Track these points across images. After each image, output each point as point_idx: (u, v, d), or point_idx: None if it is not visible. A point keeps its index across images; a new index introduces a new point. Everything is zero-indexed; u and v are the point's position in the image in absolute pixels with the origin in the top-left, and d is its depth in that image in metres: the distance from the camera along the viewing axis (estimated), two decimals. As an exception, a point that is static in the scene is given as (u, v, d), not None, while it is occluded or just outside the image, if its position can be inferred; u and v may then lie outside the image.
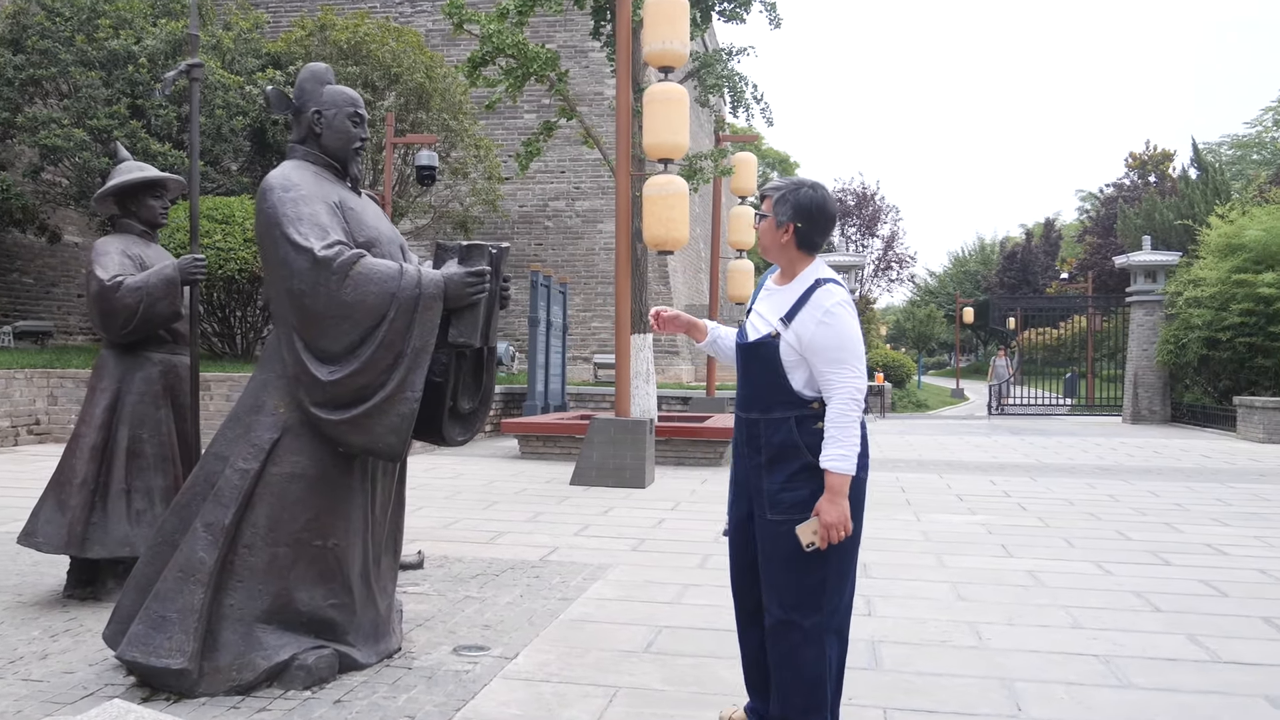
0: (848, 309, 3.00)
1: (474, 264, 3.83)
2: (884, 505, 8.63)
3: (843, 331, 2.95)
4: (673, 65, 9.90)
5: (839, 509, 2.90)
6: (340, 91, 4.04)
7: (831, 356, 2.94)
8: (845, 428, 2.91)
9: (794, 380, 3.01)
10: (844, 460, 2.90)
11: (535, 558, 6.20)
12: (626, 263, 9.94)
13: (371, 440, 3.68)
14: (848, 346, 2.94)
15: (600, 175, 22.90)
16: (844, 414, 2.92)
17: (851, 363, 2.95)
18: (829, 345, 2.94)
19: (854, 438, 2.92)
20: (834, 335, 2.94)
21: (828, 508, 2.90)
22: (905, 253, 40.04)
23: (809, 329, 2.96)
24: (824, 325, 2.95)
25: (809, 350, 2.96)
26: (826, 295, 2.99)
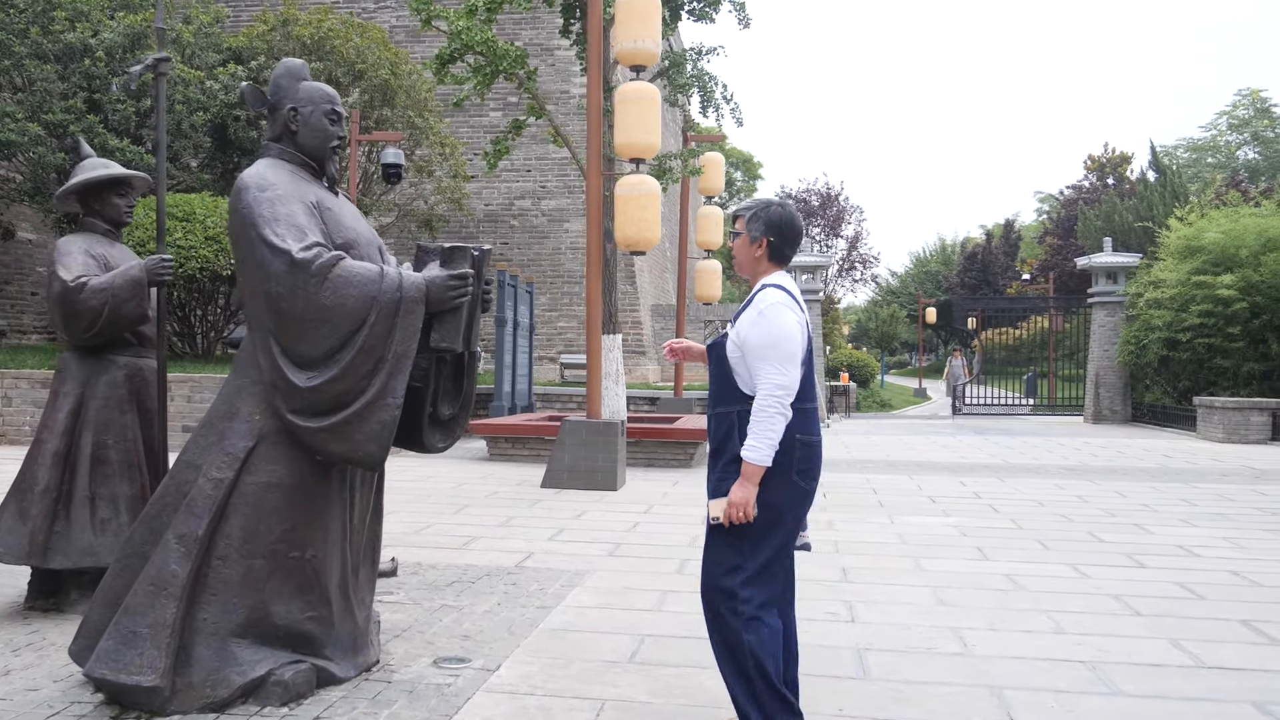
0: (784, 310, 3.17)
1: (456, 267, 3.73)
2: (857, 507, 8.62)
3: (772, 330, 3.13)
4: (644, 64, 9.83)
5: (745, 492, 3.10)
6: (317, 88, 3.92)
7: (759, 353, 3.13)
8: (763, 421, 3.08)
9: (739, 379, 3.21)
10: (756, 451, 3.08)
11: (511, 564, 6.10)
12: (598, 263, 9.85)
13: (351, 448, 3.57)
14: (776, 345, 3.12)
15: (566, 174, 22.78)
16: (764, 408, 3.09)
17: (777, 360, 3.11)
18: (759, 342, 3.13)
19: (771, 431, 3.08)
20: (763, 333, 3.13)
21: (736, 489, 3.11)
22: (869, 253, 40.29)
23: (744, 328, 3.18)
24: (755, 325, 3.16)
25: (744, 347, 3.16)
26: (764, 297, 3.21)
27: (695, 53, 13.21)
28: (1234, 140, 46.06)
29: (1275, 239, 17.80)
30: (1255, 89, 46.85)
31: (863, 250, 39.66)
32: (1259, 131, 45.89)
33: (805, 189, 40.62)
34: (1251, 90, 47.20)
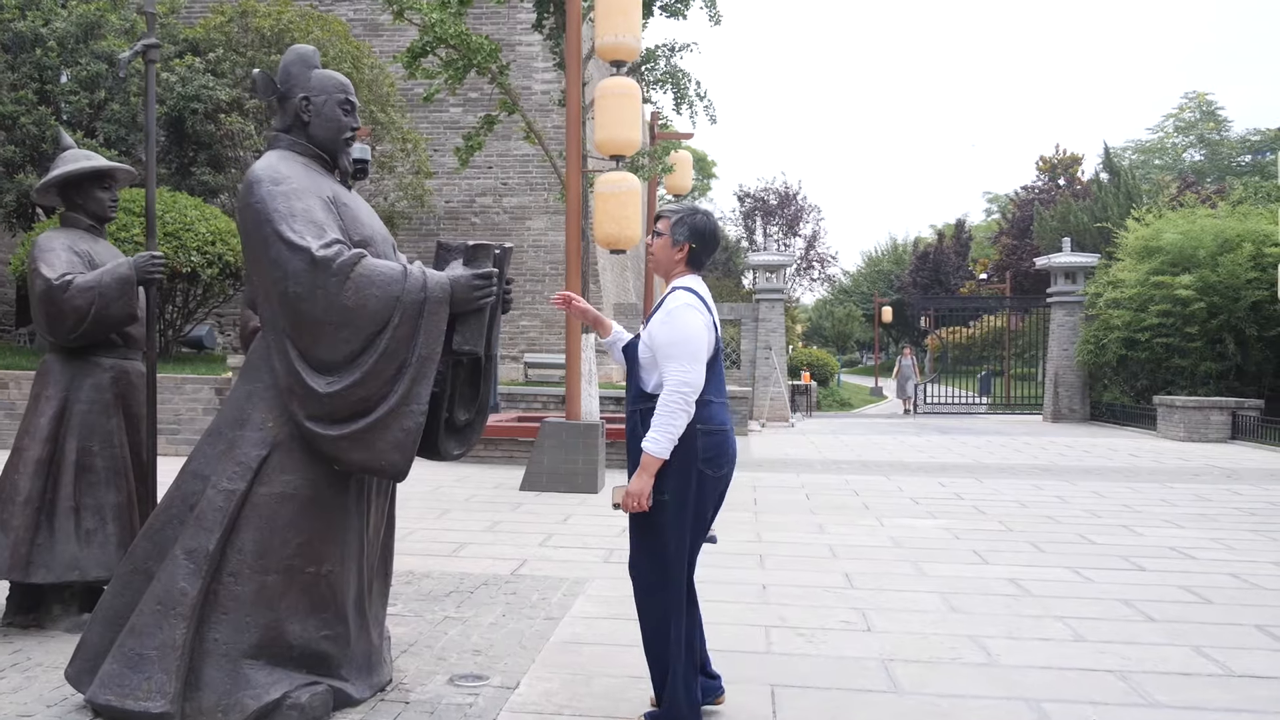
0: (692, 311, 3.33)
1: (480, 265, 3.55)
2: (844, 510, 8.54)
3: (679, 329, 3.29)
4: (625, 59, 9.68)
5: (640, 483, 3.28)
6: (330, 76, 3.72)
7: (666, 351, 3.28)
8: (667, 415, 3.24)
9: (645, 380, 3.39)
10: (657, 444, 3.25)
11: (506, 571, 5.92)
12: (577, 262, 9.69)
13: (373, 457, 3.38)
14: (682, 343, 3.28)
15: (529, 171, 22.53)
16: (668, 402, 3.24)
17: (682, 358, 3.27)
18: (666, 341, 3.29)
19: (673, 426, 3.24)
20: (671, 332, 3.29)
21: (634, 480, 3.30)
22: (826, 252, 40.45)
23: (655, 328, 3.34)
24: (663, 324, 3.32)
25: (654, 346, 3.32)
26: (673, 298, 3.37)
27: (668, 49, 13.07)
28: (1180, 142, 46.97)
29: (1232, 240, 18.07)
30: (1202, 92, 47.80)
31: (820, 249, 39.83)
32: (1204, 134, 46.84)
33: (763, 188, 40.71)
34: (1198, 93, 48.15)
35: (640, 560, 3.49)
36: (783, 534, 7.31)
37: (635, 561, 3.51)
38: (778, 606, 5.21)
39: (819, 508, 8.65)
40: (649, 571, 3.44)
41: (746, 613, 5.07)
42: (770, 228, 40.57)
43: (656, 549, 3.41)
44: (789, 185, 41.38)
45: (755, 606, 5.20)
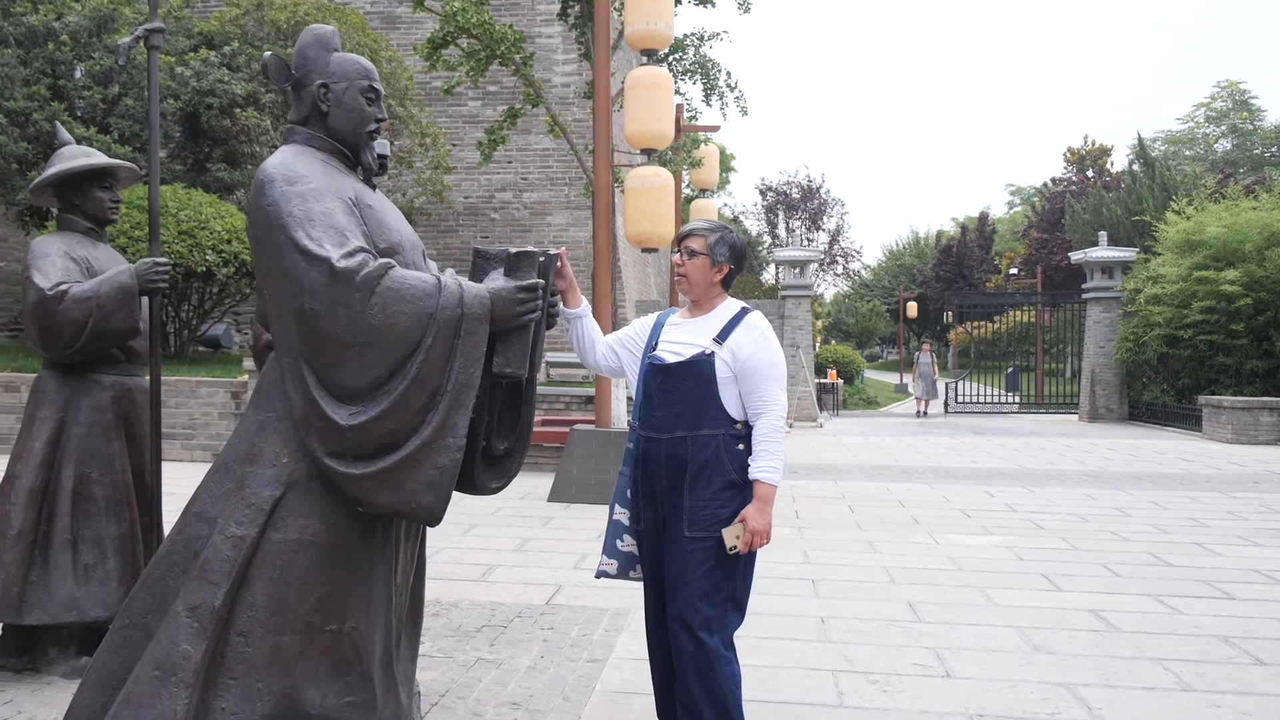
0: (774, 334, 3.24)
1: (524, 275, 3.08)
2: (893, 524, 8.06)
3: (776, 352, 3.19)
4: (657, 47, 9.22)
5: (766, 517, 3.08)
6: (351, 60, 3.26)
7: (768, 374, 3.15)
8: (776, 441, 3.12)
9: (725, 398, 3.15)
10: (775, 472, 3.11)
11: (540, 600, 5.47)
12: (607, 260, 9.23)
13: (403, 499, 2.91)
14: (780, 366, 3.18)
15: (549, 166, 22.09)
16: (776, 428, 3.12)
17: (782, 382, 3.19)
18: (765, 363, 3.15)
19: (782, 451, 3.13)
20: (770, 354, 3.16)
21: (755, 515, 3.07)
22: (850, 247, 39.83)
23: (747, 348, 3.14)
24: (761, 345, 3.16)
25: (746, 368, 3.13)
26: (759, 319, 3.24)
27: (697, 38, 12.58)
28: (1212, 132, 46.03)
29: (1279, 233, 17.45)
30: (1234, 81, 46.68)
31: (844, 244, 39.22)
32: (1237, 124, 45.86)
33: (786, 181, 40.10)
34: (1230, 82, 47.11)
35: (702, 611, 3.11)
36: (833, 554, 6.84)
37: (694, 616, 3.11)
38: (841, 645, 4.74)
39: (866, 522, 8.17)
40: (719, 625, 3.12)
41: (808, 653, 4.61)
42: (793, 222, 39.97)
43: (738, 597, 3.19)
44: (812, 178, 40.76)
45: (817, 645, 4.73)
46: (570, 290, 3.43)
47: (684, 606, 3.13)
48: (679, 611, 3.14)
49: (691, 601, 3.11)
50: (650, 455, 3.24)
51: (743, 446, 3.15)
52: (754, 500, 3.10)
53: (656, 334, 3.37)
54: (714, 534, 3.10)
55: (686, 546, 3.13)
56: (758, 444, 3.12)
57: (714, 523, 3.11)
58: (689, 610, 3.12)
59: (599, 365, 3.55)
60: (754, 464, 3.11)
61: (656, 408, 3.23)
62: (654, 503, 3.24)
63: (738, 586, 3.18)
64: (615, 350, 3.51)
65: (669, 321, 3.39)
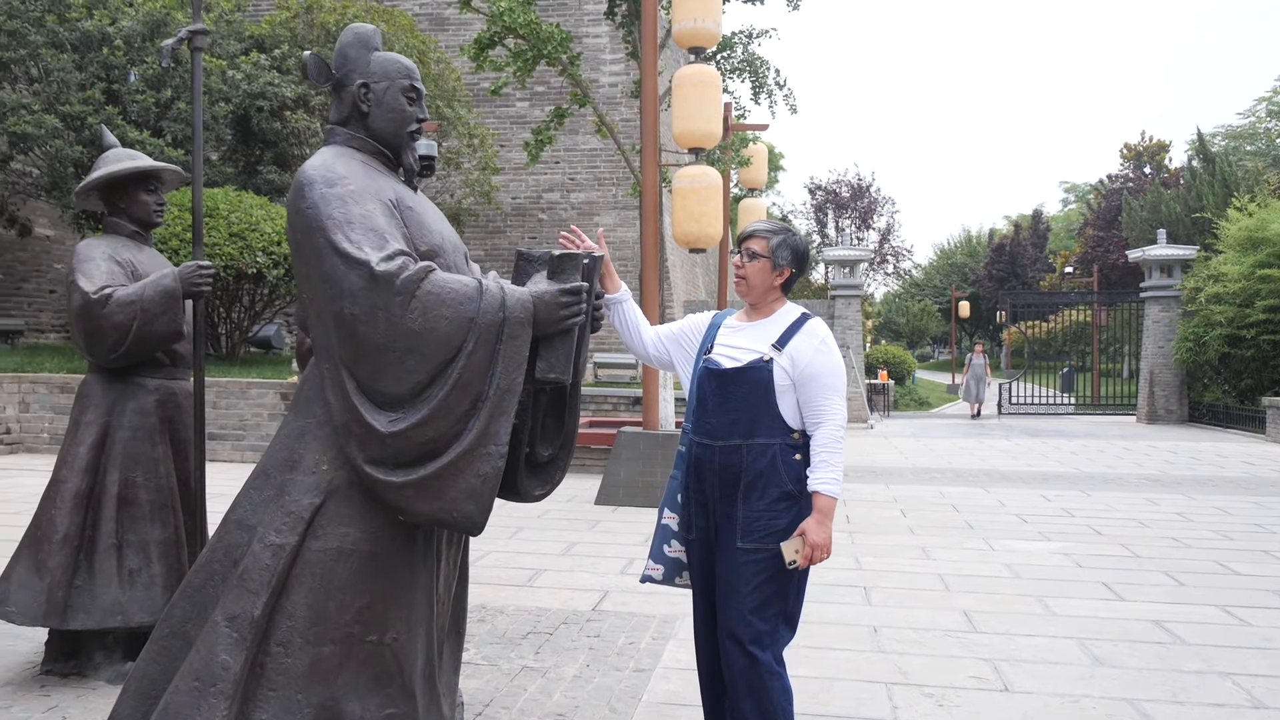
0: (834, 341, 3.14)
1: (568, 279, 3.00)
2: (947, 529, 7.88)
3: (837, 361, 3.09)
4: (705, 45, 9.11)
5: (826, 531, 2.98)
6: (392, 60, 3.20)
7: (827, 383, 3.05)
8: (836, 452, 3.03)
9: (783, 407, 3.05)
10: (835, 484, 3.01)
11: (587, 606, 5.40)
12: (654, 260, 9.13)
13: (443, 508, 2.84)
14: (840, 375, 3.08)
15: (596, 166, 22.05)
16: (835, 439, 3.03)
17: (842, 391, 3.08)
18: (826, 371, 3.05)
19: (842, 463, 3.03)
20: (830, 363, 3.06)
21: (815, 529, 2.97)
22: (901, 246, 39.35)
23: (806, 355, 3.05)
24: (821, 353, 3.06)
25: (805, 376, 3.04)
26: (820, 326, 3.13)
27: (745, 35, 12.45)
28: (1274, 127, 44.81)
29: (1346, 231, 16.93)
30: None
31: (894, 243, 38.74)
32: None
33: (835, 180, 39.72)
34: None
35: (754, 626, 3.01)
36: (885, 559, 6.69)
37: (745, 631, 3.01)
38: (895, 656, 4.61)
39: (918, 526, 8.00)
40: (771, 641, 3.02)
41: (861, 664, 4.48)
42: (843, 221, 39.60)
43: (790, 611, 3.09)
44: (861, 177, 40.33)
45: (870, 656, 4.60)
46: (608, 276, 3.36)
47: (735, 620, 3.03)
48: (730, 625, 3.05)
49: (743, 615, 3.02)
50: (703, 462, 3.14)
51: (799, 456, 3.05)
52: (813, 513, 3.00)
53: (712, 335, 3.26)
54: (768, 546, 3.01)
55: (739, 558, 3.03)
56: (817, 455, 3.03)
57: (768, 534, 3.01)
58: (740, 624, 3.02)
59: (648, 354, 3.44)
60: (813, 475, 3.02)
61: (711, 413, 3.12)
62: (706, 511, 3.15)
63: (790, 601, 3.08)
64: (665, 343, 3.41)
65: (725, 324, 3.28)
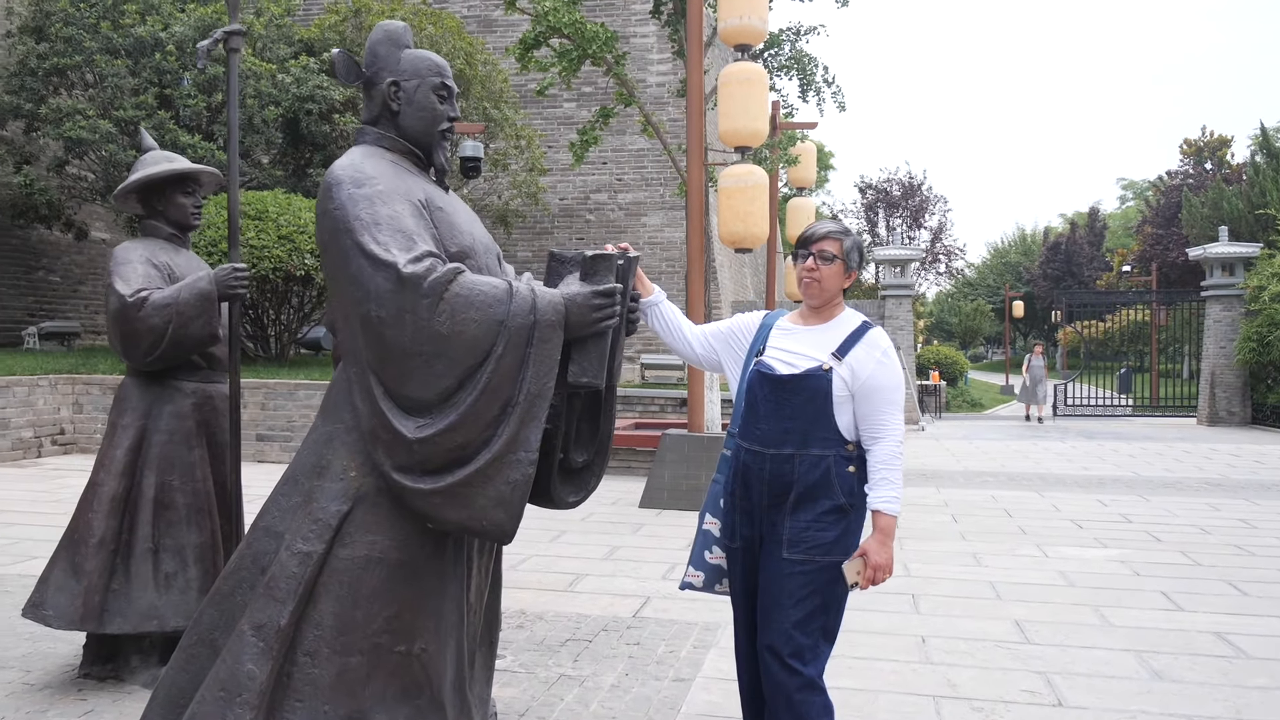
0: (895, 353, 3.03)
1: (601, 280, 2.90)
2: (999, 535, 7.68)
3: (898, 374, 2.99)
4: (750, 43, 8.99)
5: (888, 551, 2.90)
6: (423, 57, 3.13)
7: (888, 397, 2.95)
8: (897, 469, 2.93)
9: (839, 418, 2.94)
10: (896, 502, 2.92)
11: (628, 613, 5.31)
12: (700, 261, 9.02)
13: (472, 516, 2.77)
14: (901, 390, 2.98)
15: (644, 167, 21.98)
16: (895, 455, 2.93)
17: (902, 405, 2.99)
18: (887, 385, 2.95)
19: (901, 480, 2.93)
20: (892, 376, 2.96)
21: (877, 549, 2.89)
22: (954, 245, 38.78)
23: (867, 367, 2.95)
24: (883, 365, 2.96)
25: (865, 388, 2.93)
26: (881, 336, 3.02)
27: (793, 32, 12.29)
28: (1341, 122, 43.60)
29: None
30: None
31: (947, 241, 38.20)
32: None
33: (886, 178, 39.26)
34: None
35: (795, 640, 2.91)
36: (934, 566, 6.53)
37: (786, 645, 2.91)
38: (943, 667, 4.46)
39: (970, 532, 7.81)
40: (812, 656, 2.93)
41: (908, 675, 4.34)
42: (893, 220, 39.13)
43: (831, 627, 3.00)
44: (913, 175, 39.81)
45: (917, 667, 4.46)
46: (640, 280, 3.24)
47: (776, 634, 2.94)
48: (770, 639, 2.95)
49: (784, 629, 2.92)
50: (751, 469, 3.03)
51: (853, 469, 2.95)
52: (875, 533, 2.90)
53: (763, 336, 3.13)
54: (814, 558, 2.92)
55: (784, 569, 2.93)
56: (876, 472, 2.93)
57: (814, 546, 2.91)
58: (781, 638, 2.93)
59: (695, 353, 3.32)
60: (873, 494, 2.92)
61: (762, 420, 3.01)
62: (751, 520, 3.04)
63: (832, 615, 2.99)
64: (713, 342, 3.29)
65: (777, 324, 3.15)
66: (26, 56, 14.54)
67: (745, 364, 3.16)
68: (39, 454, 11.62)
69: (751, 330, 3.22)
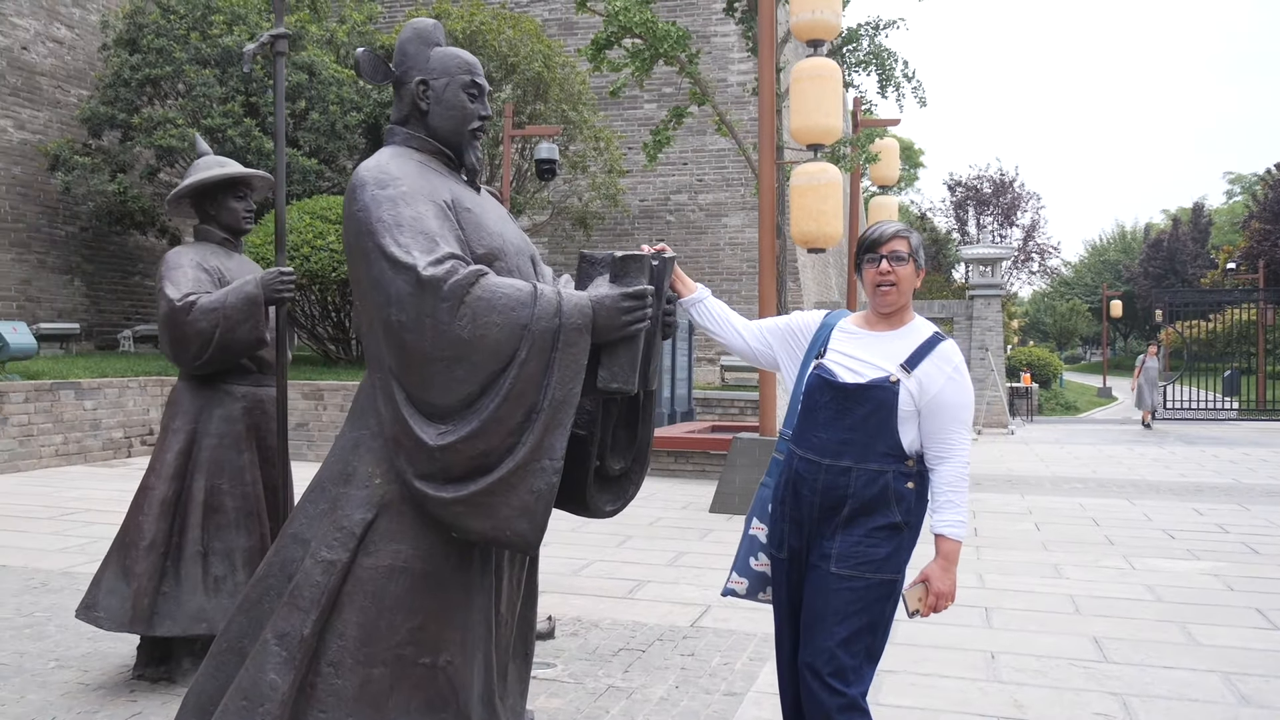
0: (966, 369, 2.89)
1: (632, 282, 2.79)
2: (1083, 545, 7.36)
3: (968, 391, 2.85)
4: (824, 38, 8.79)
5: (952, 577, 2.81)
6: (452, 55, 3.06)
7: (956, 415, 2.81)
8: (961, 492, 2.81)
9: (903, 434, 2.80)
10: (961, 526, 2.81)
11: (686, 622, 5.18)
12: (771, 261, 8.85)
13: (496, 526, 2.68)
14: (970, 408, 2.85)
15: (724, 167, 21.79)
16: (961, 477, 2.81)
17: (970, 424, 2.85)
18: (957, 403, 2.81)
19: (967, 503, 2.82)
20: (962, 395, 2.82)
21: (940, 575, 2.80)
22: (1047, 242, 37.69)
23: (937, 383, 2.79)
24: (954, 382, 2.81)
25: (933, 405, 2.79)
26: (953, 350, 2.87)
27: (871, 27, 12.02)
28: None
29: None
30: None
31: (1040, 239, 37.16)
32: None
33: (976, 175, 38.36)
34: None
35: (838, 659, 2.77)
36: (1011, 577, 6.26)
37: (828, 664, 2.77)
38: (1012, 686, 4.24)
39: (1052, 541, 7.49)
40: (856, 677, 2.79)
41: (973, 695, 4.13)
42: (984, 218, 38.21)
43: (876, 647, 2.85)
44: (1004, 172, 38.81)
45: (984, 686, 4.25)
46: (680, 279, 3.13)
47: (818, 652, 2.79)
48: (812, 657, 2.81)
49: (828, 647, 2.78)
50: (803, 478, 2.88)
51: (912, 485, 2.81)
52: (937, 559, 2.79)
53: (824, 338, 2.97)
54: (863, 575, 2.77)
55: (831, 584, 2.79)
56: (940, 494, 2.80)
57: (864, 562, 2.77)
58: (823, 657, 2.78)
59: (749, 347, 3.16)
60: (937, 517, 2.79)
61: (820, 428, 2.87)
62: (799, 530, 2.90)
63: (879, 636, 2.85)
64: (768, 337, 3.13)
65: (840, 326, 2.98)
66: (121, 68, 15.01)
67: (804, 364, 3.01)
68: (129, 454, 11.96)
69: (811, 330, 3.05)
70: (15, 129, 15.74)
